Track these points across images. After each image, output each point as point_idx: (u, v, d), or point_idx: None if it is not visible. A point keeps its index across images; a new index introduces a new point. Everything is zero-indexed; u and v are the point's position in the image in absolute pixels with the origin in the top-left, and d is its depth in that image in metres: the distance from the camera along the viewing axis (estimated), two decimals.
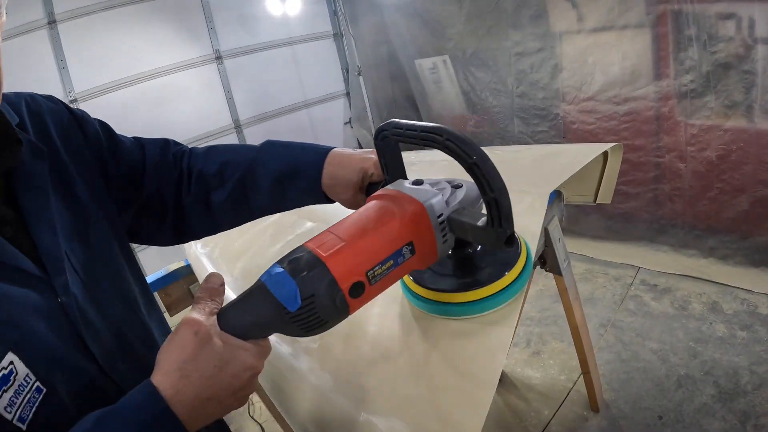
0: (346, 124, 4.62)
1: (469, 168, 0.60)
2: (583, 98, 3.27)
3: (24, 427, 0.52)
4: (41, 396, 0.54)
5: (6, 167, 0.62)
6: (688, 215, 3.11)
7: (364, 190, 0.83)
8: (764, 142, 2.67)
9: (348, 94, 4.60)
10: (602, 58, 3.11)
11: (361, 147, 4.70)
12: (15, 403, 0.51)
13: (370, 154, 0.82)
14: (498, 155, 1.79)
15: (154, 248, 2.91)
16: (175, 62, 3.57)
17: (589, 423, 2.25)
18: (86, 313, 0.64)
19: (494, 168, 0.60)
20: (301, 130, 4.31)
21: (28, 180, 0.64)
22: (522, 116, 3.60)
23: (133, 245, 0.88)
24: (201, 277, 1.63)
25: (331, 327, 0.57)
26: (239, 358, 0.54)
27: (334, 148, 0.84)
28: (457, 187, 0.69)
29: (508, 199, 0.61)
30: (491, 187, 0.60)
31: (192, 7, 3.61)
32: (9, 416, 0.50)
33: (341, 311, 0.56)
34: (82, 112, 0.81)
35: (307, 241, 0.59)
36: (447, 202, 0.66)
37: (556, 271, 1.83)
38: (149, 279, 2.07)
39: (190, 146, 0.92)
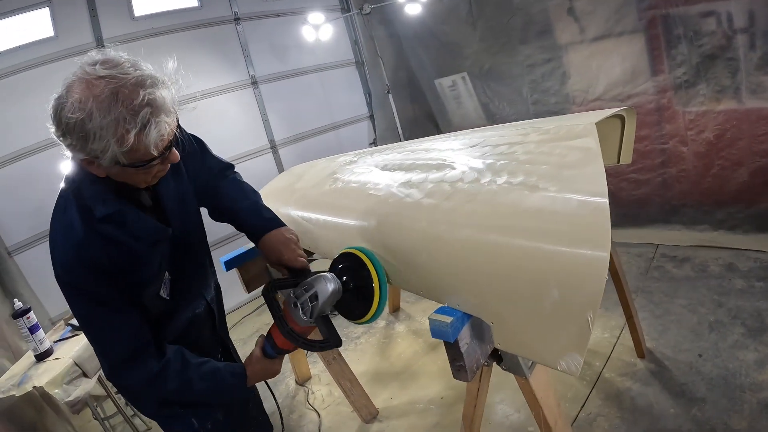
0: (370, 144, 4.96)
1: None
2: (590, 99, 3.66)
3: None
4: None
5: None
6: (696, 193, 3.43)
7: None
8: (754, 119, 3.05)
9: (371, 116, 4.96)
10: (604, 63, 3.52)
11: None
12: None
13: (293, 244, 1.39)
14: (540, 120, 2.18)
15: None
16: (215, 86, 3.89)
17: (638, 367, 2.46)
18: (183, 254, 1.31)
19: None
20: (330, 150, 4.51)
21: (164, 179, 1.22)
22: None
23: None
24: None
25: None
26: (273, 365, 1.35)
27: (277, 228, 1.43)
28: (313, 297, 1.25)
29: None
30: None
31: (229, 37, 3.98)
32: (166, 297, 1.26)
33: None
34: (194, 136, 1.40)
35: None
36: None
37: None
38: (229, 256, 2.31)
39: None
